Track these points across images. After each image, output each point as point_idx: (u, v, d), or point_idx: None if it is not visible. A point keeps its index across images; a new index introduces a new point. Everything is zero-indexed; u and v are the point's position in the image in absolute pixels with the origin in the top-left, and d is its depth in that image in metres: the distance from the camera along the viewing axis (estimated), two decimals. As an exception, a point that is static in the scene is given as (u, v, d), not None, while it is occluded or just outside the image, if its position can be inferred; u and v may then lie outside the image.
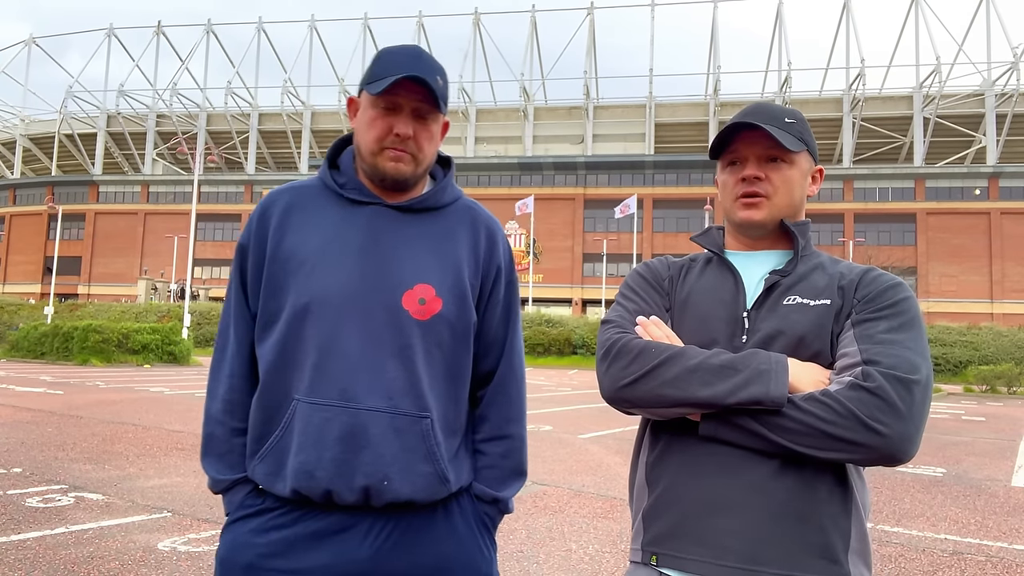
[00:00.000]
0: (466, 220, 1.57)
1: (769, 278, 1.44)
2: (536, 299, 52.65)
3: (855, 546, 1.32)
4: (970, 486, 7.74)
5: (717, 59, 65.25)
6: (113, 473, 6.74)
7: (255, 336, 1.50)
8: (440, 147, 1.59)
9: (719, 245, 1.55)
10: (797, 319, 1.39)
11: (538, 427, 11.28)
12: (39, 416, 10.63)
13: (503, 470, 1.57)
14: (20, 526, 4.86)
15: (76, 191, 68.56)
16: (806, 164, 1.51)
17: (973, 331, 34.83)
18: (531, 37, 68.88)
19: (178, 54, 74.56)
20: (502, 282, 1.59)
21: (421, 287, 1.45)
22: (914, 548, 5.18)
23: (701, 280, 1.51)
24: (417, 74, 1.42)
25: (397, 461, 1.40)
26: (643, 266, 1.60)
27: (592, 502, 6.23)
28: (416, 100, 1.46)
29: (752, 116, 1.47)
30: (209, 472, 1.51)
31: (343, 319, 1.41)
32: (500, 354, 1.59)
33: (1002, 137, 58.78)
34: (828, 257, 1.52)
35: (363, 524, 1.41)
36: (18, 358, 27.24)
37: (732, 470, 1.33)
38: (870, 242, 54.16)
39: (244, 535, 1.43)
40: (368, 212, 1.50)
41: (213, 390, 1.53)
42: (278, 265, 1.47)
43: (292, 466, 1.39)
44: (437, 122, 1.51)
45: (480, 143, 67.70)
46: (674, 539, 1.36)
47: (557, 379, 25.70)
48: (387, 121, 1.46)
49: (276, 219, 1.51)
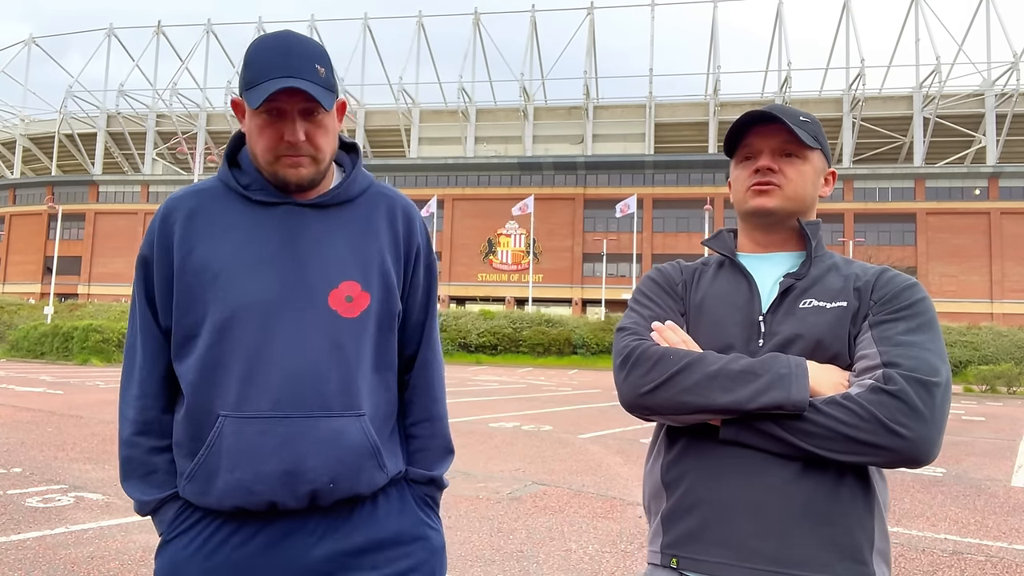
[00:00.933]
0: (381, 207, 1.52)
1: (784, 281, 1.43)
2: (536, 299, 52.64)
3: (879, 546, 1.33)
4: (970, 486, 7.74)
5: (717, 59, 65.23)
6: (113, 473, 6.74)
7: (172, 353, 1.43)
8: (341, 128, 1.51)
9: (731, 248, 1.54)
10: (814, 322, 1.38)
11: (538, 427, 11.28)
12: (39, 416, 10.62)
13: (435, 451, 1.58)
14: (20, 526, 4.86)
15: (76, 191, 68.50)
16: (819, 163, 1.51)
17: (973, 331, 34.80)
18: (531, 37, 68.88)
19: (178, 54, 74.58)
20: (421, 266, 1.56)
21: (346, 284, 1.41)
22: (914, 548, 5.18)
23: (715, 285, 1.50)
24: (291, 81, 1.32)
25: (341, 463, 1.37)
26: (656, 271, 1.59)
27: (592, 502, 6.22)
28: (299, 102, 1.36)
29: (768, 110, 1.47)
30: (133, 495, 1.43)
31: (270, 328, 1.35)
32: (420, 338, 1.58)
33: (1002, 137, 58.75)
34: (841, 258, 1.51)
35: (306, 526, 1.39)
36: (18, 358, 27.23)
37: (753, 472, 1.32)
38: (870, 242, 54.14)
39: (183, 551, 1.38)
40: (279, 213, 1.43)
41: (124, 413, 1.45)
42: (189, 278, 1.39)
43: (228, 483, 1.34)
44: (330, 114, 1.42)
45: (480, 143, 67.63)
46: (696, 542, 1.35)
47: (557, 379, 25.69)
48: (276, 128, 1.37)
49: (180, 227, 1.42)
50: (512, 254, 58.87)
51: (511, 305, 47.68)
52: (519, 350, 36.80)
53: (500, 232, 58.44)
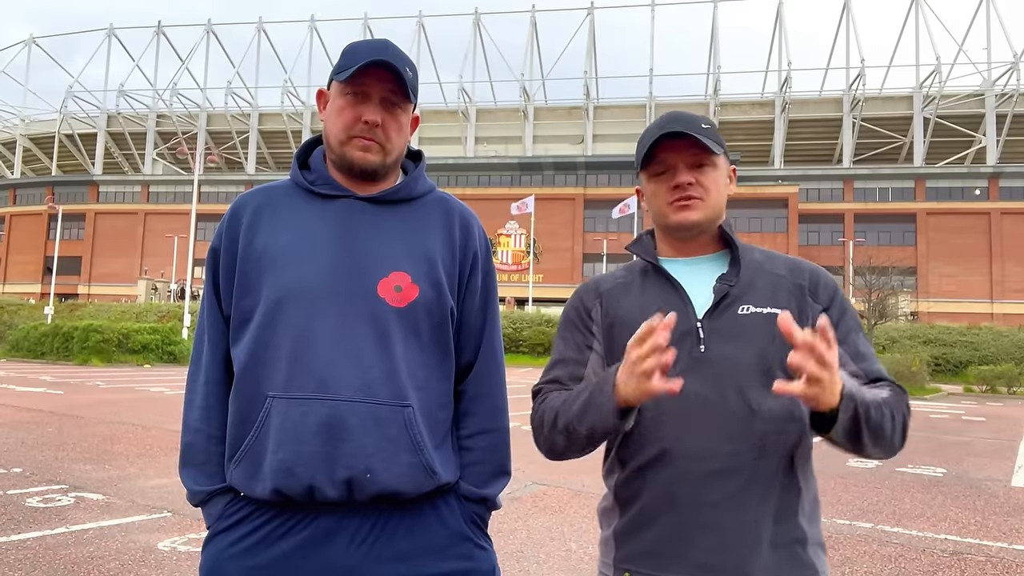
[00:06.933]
0: (439, 211, 1.55)
1: (718, 288, 1.44)
2: (536, 299, 52.59)
3: (815, 539, 1.41)
4: (970, 486, 7.74)
5: (717, 59, 65.26)
6: (113, 473, 6.74)
7: (230, 339, 1.47)
8: (410, 140, 1.58)
9: (653, 254, 1.54)
10: (755, 329, 1.40)
11: (538, 427, 11.28)
12: (39, 416, 10.63)
13: (490, 466, 1.55)
14: (20, 526, 4.86)
15: (76, 191, 68.51)
16: (724, 165, 1.53)
17: (973, 331, 34.78)
18: (531, 37, 68.92)
19: (178, 54, 74.60)
20: (479, 271, 1.57)
21: (396, 275, 1.43)
22: (914, 548, 5.18)
23: (644, 296, 1.49)
24: (386, 59, 1.42)
25: (379, 452, 1.37)
26: (572, 300, 1.61)
27: (592, 502, 6.22)
28: (385, 89, 1.45)
29: (675, 125, 1.47)
30: (187, 484, 1.48)
31: (318, 310, 1.39)
32: (479, 345, 1.57)
33: (1002, 137, 58.75)
34: (760, 251, 1.53)
35: (349, 527, 1.38)
36: (18, 358, 27.24)
37: (703, 490, 1.36)
38: (870, 242, 54.06)
39: (226, 549, 1.40)
40: (339, 205, 1.48)
41: (191, 400, 1.50)
42: (250, 264, 1.45)
43: (271, 465, 1.36)
44: (406, 113, 1.50)
45: (480, 143, 67.64)
46: (650, 557, 1.39)
47: (557, 379, 25.66)
48: (356, 110, 1.45)
49: (247, 220, 1.49)
50: (512, 254, 58.86)
51: (511, 305, 47.60)
52: (519, 350, 36.78)
53: (500, 232, 58.41)
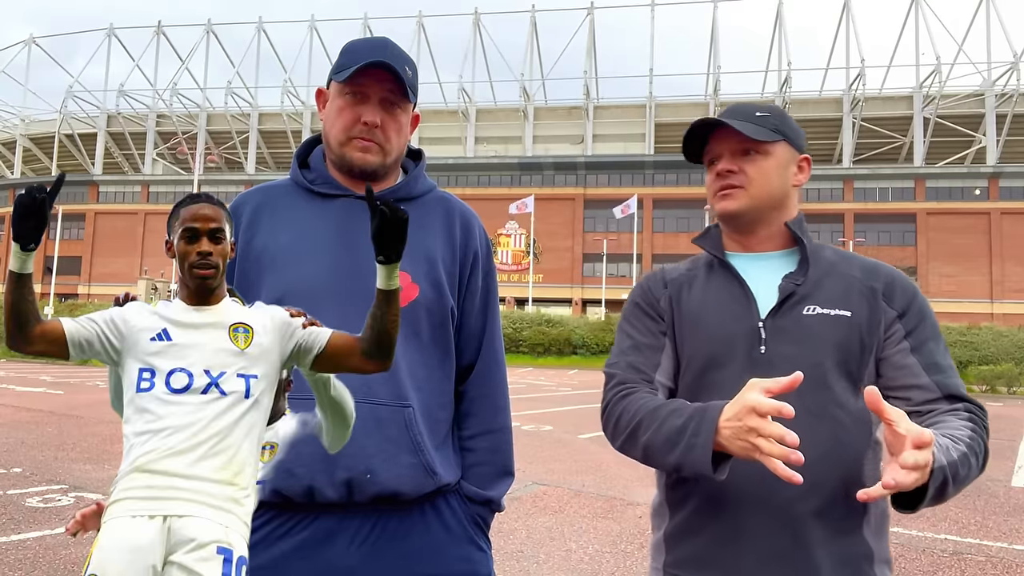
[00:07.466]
0: (440, 210, 1.54)
1: (784, 286, 1.39)
2: (536, 299, 52.58)
3: (881, 555, 1.37)
4: (970, 486, 7.72)
5: (717, 59, 65.22)
6: (113, 473, 6.72)
7: None
8: (410, 140, 1.57)
9: (720, 248, 1.50)
10: (820, 332, 1.35)
11: (538, 427, 11.28)
12: (39, 416, 10.63)
13: (493, 467, 1.54)
14: (20, 526, 4.86)
15: (76, 191, 68.46)
16: (785, 154, 1.46)
17: (973, 331, 34.75)
18: (531, 37, 68.86)
19: (178, 54, 74.53)
20: (480, 271, 1.56)
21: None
22: (914, 548, 5.18)
23: (708, 291, 1.45)
24: (384, 59, 1.40)
25: (379, 452, 1.36)
26: (638, 290, 1.54)
27: (592, 502, 6.22)
28: (384, 89, 1.44)
29: (720, 115, 1.46)
30: None
31: (318, 309, 1.38)
32: (480, 345, 1.56)
33: (1002, 137, 58.70)
34: (834, 251, 1.47)
35: (348, 528, 1.37)
36: (18, 358, 27.22)
37: (757, 497, 1.30)
38: (870, 242, 54.09)
39: None
40: (339, 204, 1.48)
41: None
42: (249, 263, 1.45)
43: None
44: (406, 112, 1.48)
45: (480, 143, 67.59)
46: (700, 565, 1.35)
47: (557, 379, 25.69)
48: (355, 110, 1.44)
49: (246, 219, 1.49)
50: (512, 254, 58.82)
51: (511, 305, 47.61)
52: (519, 350, 36.75)
53: (500, 232, 58.35)
